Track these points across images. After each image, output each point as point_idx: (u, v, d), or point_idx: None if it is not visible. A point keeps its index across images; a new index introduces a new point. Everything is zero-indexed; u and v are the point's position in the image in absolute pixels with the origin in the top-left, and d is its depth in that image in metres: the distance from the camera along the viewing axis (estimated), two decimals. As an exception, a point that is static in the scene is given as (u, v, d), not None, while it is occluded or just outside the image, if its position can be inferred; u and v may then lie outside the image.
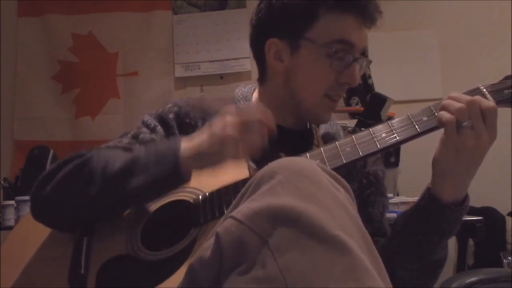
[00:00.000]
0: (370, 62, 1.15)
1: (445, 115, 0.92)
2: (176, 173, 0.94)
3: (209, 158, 0.93)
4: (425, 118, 0.95)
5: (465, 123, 0.91)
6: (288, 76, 1.10)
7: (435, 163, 0.96)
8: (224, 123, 0.93)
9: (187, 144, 0.95)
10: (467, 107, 0.90)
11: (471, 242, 2.78)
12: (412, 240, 1.00)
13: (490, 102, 0.92)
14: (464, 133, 0.91)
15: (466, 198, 0.98)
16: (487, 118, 0.91)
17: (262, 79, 1.17)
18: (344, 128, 1.84)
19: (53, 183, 1.00)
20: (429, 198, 0.97)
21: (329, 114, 1.12)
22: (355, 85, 1.08)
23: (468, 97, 0.92)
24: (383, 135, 0.96)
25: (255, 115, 0.93)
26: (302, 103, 1.09)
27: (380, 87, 3.21)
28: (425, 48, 3.35)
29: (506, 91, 0.95)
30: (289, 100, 1.11)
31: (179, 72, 3.47)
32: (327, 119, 1.13)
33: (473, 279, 1.47)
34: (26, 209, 2.13)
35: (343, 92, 1.10)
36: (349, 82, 1.07)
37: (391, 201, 2.22)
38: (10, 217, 2.36)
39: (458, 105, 0.91)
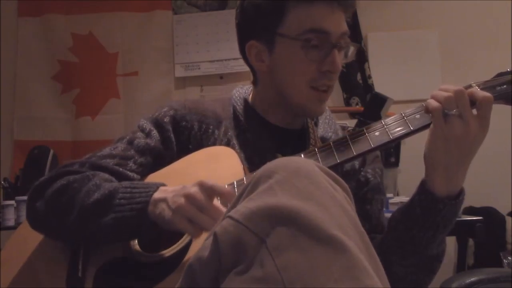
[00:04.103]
0: (358, 46, 1.14)
1: (432, 103, 0.93)
2: (140, 218, 0.93)
3: (163, 216, 0.91)
4: (418, 116, 0.96)
5: (453, 112, 0.91)
6: (272, 75, 1.11)
7: (426, 155, 0.96)
8: (195, 184, 0.91)
9: (162, 189, 0.95)
10: (455, 95, 0.91)
11: (471, 242, 2.78)
12: (406, 234, 0.99)
13: (485, 93, 0.92)
14: (451, 121, 0.91)
15: (461, 192, 0.98)
16: (480, 107, 0.92)
17: (255, 82, 1.18)
18: (344, 128, 1.84)
19: (42, 200, 1.03)
20: (423, 191, 0.97)
21: (321, 106, 1.11)
22: (336, 71, 1.07)
23: (456, 87, 0.92)
24: (377, 133, 0.96)
25: (221, 195, 0.90)
26: (291, 99, 1.09)
27: (380, 87, 3.21)
28: (425, 48, 3.35)
29: (498, 87, 0.95)
30: (279, 98, 1.11)
31: (179, 72, 3.47)
32: (320, 111, 1.13)
33: (473, 279, 1.47)
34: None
35: (330, 81, 1.08)
36: (331, 69, 1.06)
37: (391, 201, 2.22)
38: (10, 217, 2.36)
39: (445, 94, 0.92)
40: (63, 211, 0.99)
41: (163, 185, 0.97)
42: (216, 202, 0.91)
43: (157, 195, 0.94)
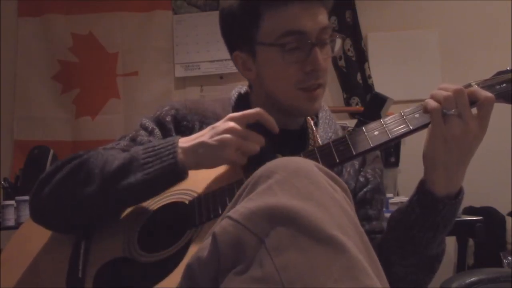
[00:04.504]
0: (343, 37, 1.12)
1: (430, 103, 0.92)
2: (173, 168, 0.94)
3: (206, 156, 0.95)
4: (417, 115, 0.95)
5: (452, 111, 0.91)
6: (260, 82, 1.11)
7: (425, 155, 0.95)
8: (226, 120, 0.96)
9: (185, 140, 0.97)
10: (454, 95, 0.90)
11: (471, 242, 2.78)
12: (406, 235, 0.99)
13: (487, 93, 0.91)
14: (450, 121, 0.90)
15: (460, 192, 0.97)
16: (482, 107, 0.91)
17: (250, 86, 1.19)
18: (344, 128, 1.84)
19: (51, 185, 1.01)
20: (422, 192, 0.96)
21: (314, 105, 1.09)
22: (320, 69, 1.05)
23: (455, 86, 0.92)
24: (376, 133, 0.95)
25: (254, 117, 0.96)
26: (281, 103, 1.09)
27: (380, 87, 3.21)
28: (425, 48, 3.35)
29: (498, 86, 0.95)
30: (272, 103, 1.11)
31: (179, 72, 3.48)
32: (315, 109, 1.11)
33: (473, 279, 1.47)
34: (26, 209, 2.13)
35: (318, 80, 1.06)
36: (314, 68, 1.04)
37: (391, 201, 2.22)
38: (10, 217, 2.36)
39: (444, 93, 0.91)
40: (81, 185, 0.98)
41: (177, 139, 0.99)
42: None
43: (183, 144, 0.96)
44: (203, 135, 0.97)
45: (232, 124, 0.95)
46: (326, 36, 1.06)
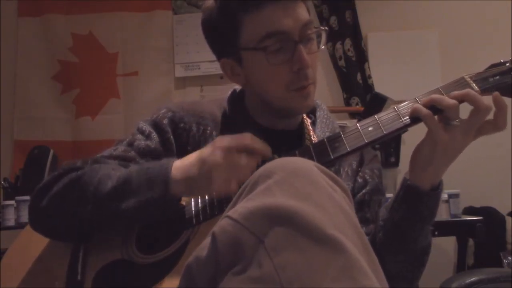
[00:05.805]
0: (326, 30, 1.10)
1: (422, 110, 0.92)
2: (165, 197, 0.94)
3: (197, 184, 0.94)
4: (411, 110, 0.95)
5: (455, 122, 0.91)
6: (250, 86, 1.11)
7: (417, 156, 0.96)
8: (214, 149, 0.94)
9: (177, 167, 0.96)
10: (483, 112, 0.91)
11: (471, 242, 2.78)
12: (395, 231, 1.00)
13: (487, 103, 0.91)
14: (454, 131, 0.92)
15: (440, 181, 0.99)
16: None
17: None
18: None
19: (49, 197, 1.02)
20: (408, 188, 0.98)
21: (307, 101, 1.08)
22: (308, 66, 1.04)
23: (479, 101, 0.91)
24: (370, 128, 0.95)
25: (245, 144, 0.94)
26: (274, 105, 1.09)
27: (380, 87, 3.21)
28: (425, 48, 3.35)
29: (491, 79, 0.95)
30: (264, 105, 1.11)
31: (179, 72, 3.48)
32: (307, 106, 1.10)
33: (473, 279, 1.48)
34: (26, 210, 2.13)
35: (307, 79, 1.05)
36: (301, 66, 1.03)
37: (391, 201, 2.22)
38: (10, 217, 2.37)
39: (451, 102, 0.91)
40: (76, 203, 0.99)
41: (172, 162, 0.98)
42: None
43: (176, 172, 0.95)
44: (194, 165, 0.95)
45: (218, 156, 0.92)
46: (309, 31, 1.05)
